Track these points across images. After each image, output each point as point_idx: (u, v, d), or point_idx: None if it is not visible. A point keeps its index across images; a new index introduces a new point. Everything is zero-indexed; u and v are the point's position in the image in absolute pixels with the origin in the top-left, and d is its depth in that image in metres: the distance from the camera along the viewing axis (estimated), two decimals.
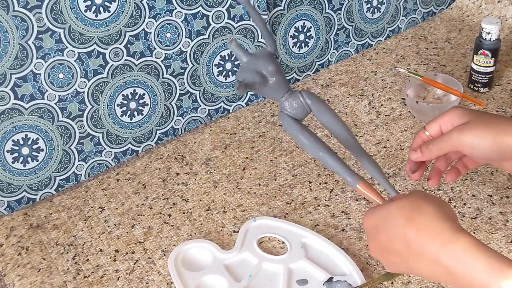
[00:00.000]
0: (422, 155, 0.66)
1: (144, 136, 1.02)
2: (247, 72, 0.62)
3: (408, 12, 1.26)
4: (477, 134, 0.61)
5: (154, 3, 0.93)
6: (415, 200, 0.55)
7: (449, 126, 0.65)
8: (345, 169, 0.63)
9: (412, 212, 0.54)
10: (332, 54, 1.19)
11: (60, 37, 0.87)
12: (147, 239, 0.85)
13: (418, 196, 0.56)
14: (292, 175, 0.93)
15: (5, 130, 0.88)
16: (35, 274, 0.81)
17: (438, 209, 0.53)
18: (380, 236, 0.57)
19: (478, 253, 0.48)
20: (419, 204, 0.54)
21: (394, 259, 0.56)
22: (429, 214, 0.53)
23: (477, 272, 0.48)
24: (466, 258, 0.49)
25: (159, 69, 0.99)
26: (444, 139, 0.64)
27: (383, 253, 0.57)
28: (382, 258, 0.58)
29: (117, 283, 0.79)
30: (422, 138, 0.68)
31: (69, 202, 0.94)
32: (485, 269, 0.48)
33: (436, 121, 0.67)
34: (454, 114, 0.65)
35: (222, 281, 0.76)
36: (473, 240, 0.50)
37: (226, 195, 0.91)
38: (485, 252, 0.48)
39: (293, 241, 0.80)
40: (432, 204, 0.54)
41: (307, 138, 0.64)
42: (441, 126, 0.67)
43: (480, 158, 0.65)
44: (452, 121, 0.65)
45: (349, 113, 1.05)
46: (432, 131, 0.67)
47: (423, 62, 1.16)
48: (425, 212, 0.53)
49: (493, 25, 0.98)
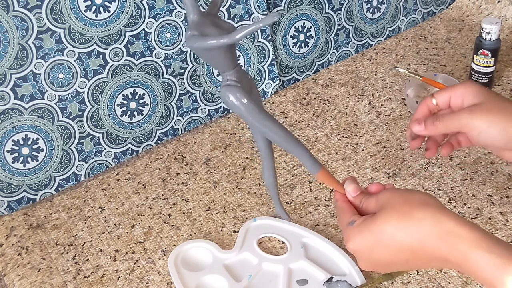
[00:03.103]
0: (426, 129, 0.63)
1: (144, 136, 1.02)
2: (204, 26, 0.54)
3: (408, 12, 1.26)
4: (487, 119, 0.59)
5: (154, 3, 0.93)
6: (401, 206, 0.53)
7: (459, 101, 0.63)
8: (307, 154, 0.59)
9: (406, 221, 0.52)
10: (332, 54, 1.19)
11: (60, 37, 0.87)
12: (147, 239, 0.85)
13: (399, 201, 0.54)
14: (292, 175, 0.93)
15: (5, 130, 0.88)
16: (35, 274, 0.81)
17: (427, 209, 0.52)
18: (377, 254, 0.54)
19: (482, 253, 0.49)
20: (408, 211, 0.52)
21: (395, 267, 0.56)
22: (425, 220, 0.52)
23: (483, 270, 0.49)
24: (471, 258, 0.49)
25: (159, 69, 0.99)
26: (452, 119, 0.61)
27: (382, 266, 0.56)
28: (380, 270, 0.57)
29: (117, 283, 0.79)
30: (428, 106, 0.65)
31: (69, 202, 0.94)
32: (489, 267, 0.48)
33: (447, 92, 0.63)
34: (468, 90, 0.62)
35: (222, 281, 0.76)
36: (476, 235, 0.50)
37: (226, 195, 0.91)
38: (488, 250, 0.49)
39: (293, 241, 0.80)
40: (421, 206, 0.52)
41: (267, 116, 0.57)
42: (451, 98, 0.63)
43: (482, 143, 0.62)
44: (463, 96, 0.62)
45: (349, 113, 1.05)
46: (440, 101, 0.64)
47: (423, 62, 1.16)
48: (419, 219, 0.52)
49: (493, 25, 0.98)
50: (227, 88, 0.56)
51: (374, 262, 0.55)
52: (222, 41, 0.52)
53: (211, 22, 0.55)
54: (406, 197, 0.54)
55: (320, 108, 1.07)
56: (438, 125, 0.62)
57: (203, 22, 0.54)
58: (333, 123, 1.02)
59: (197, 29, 0.54)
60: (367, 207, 0.58)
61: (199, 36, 0.53)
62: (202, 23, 0.54)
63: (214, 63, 0.56)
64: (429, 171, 0.89)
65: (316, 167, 0.60)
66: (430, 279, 0.73)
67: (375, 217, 0.54)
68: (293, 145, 0.59)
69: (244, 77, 0.58)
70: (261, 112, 0.57)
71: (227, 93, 0.56)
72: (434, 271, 0.74)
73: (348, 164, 0.93)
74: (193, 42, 0.53)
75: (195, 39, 0.53)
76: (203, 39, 0.53)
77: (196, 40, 0.53)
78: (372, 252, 0.54)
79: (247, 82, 0.58)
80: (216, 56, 0.55)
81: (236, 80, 0.57)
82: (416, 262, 0.54)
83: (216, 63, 0.56)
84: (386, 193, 0.56)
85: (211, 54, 0.55)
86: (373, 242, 0.54)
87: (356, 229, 0.55)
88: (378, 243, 0.53)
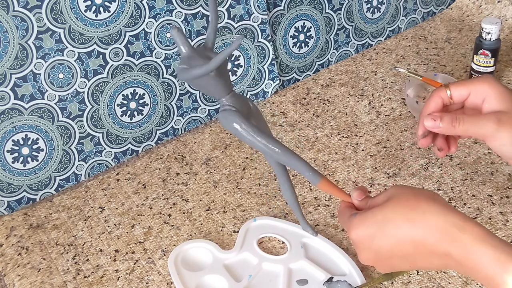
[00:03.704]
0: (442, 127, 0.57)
1: (144, 136, 1.02)
2: (194, 60, 0.58)
3: (408, 12, 1.26)
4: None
5: (154, 3, 0.93)
6: (408, 199, 0.53)
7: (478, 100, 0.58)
8: (306, 165, 0.59)
9: (411, 212, 0.52)
10: (332, 54, 1.19)
11: (60, 37, 0.87)
12: (147, 239, 0.85)
13: (407, 194, 0.54)
14: (292, 175, 0.93)
15: (5, 130, 0.88)
16: (35, 274, 0.81)
17: (433, 203, 0.52)
18: (379, 243, 0.54)
19: (485, 248, 0.48)
20: (414, 203, 0.52)
21: (396, 262, 0.55)
22: (429, 211, 0.52)
23: (484, 266, 0.48)
24: (474, 253, 0.49)
25: (159, 69, 0.99)
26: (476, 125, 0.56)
27: (382, 260, 0.55)
28: (379, 264, 0.56)
29: (117, 283, 0.79)
30: (441, 99, 0.59)
31: (69, 202, 0.94)
32: (491, 263, 0.48)
33: (465, 86, 0.58)
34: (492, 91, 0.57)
35: (222, 281, 0.76)
36: (480, 231, 0.49)
37: (226, 195, 0.91)
38: (491, 246, 0.48)
39: (293, 241, 0.80)
40: (427, 200, 0.52)
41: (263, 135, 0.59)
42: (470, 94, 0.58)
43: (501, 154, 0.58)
44: (485, 96, 0.57)
45: (349, 113, 1.05)
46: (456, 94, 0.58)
47: (423, 62, 1.16)
48: (424, 210, 0.52)
49: (493, 25, 0.98)
50: (223, 113, 0.59)
51: (375, 253, 0.54)
52: (201, 70, 0.55)
53: (199, 55, 0.58)
54: (415, 192, 0.54)
55: (320, 108, 1.07)
56: (457, 127, 0.57)
57: (193, 56, 0.58)
58: (333, 123, 1.03)
59: (185, 63, 0.57)
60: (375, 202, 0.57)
61: (188, 69, 0.57)
62: (192, 57, 0.58)
63: (208, 91, 0.59)
64: (429, 171, 0.89)
65: (316, 178, 0.60)
66: (430, 279, 0.73)
67: (381, 206, 0.54)
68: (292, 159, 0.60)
69: (240, 100, 0.60)
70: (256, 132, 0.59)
71: (223, 118, 0.59)
72: (434, 271, 0.74)
73: (348, 164, 0.93)
74: (182, 75, 0.57)
75: (183, 72, 0.57)
76: (188, 71, 0.56)
77: (184, 72, 0.57)
78: (374, 241, 0.54)
79: (243, 105, 0.61)
80: (207, 84, 0.58)
81: (231, 105, 0.59)
82: (416, 257, 0.53)
83: (210, 91, 0.59)
84: (395, 187, 0.56)
85: (202, 83, 0.58)
86: (376, 230, 0.53)
87: (360, 217, 0.55)
88: (381, 231, 0.53)
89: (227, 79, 0.59)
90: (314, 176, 0.60)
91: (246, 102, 0.62)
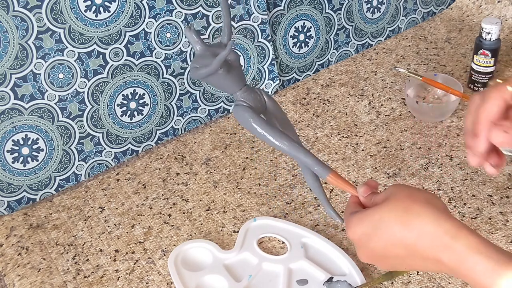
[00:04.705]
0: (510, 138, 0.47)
1: (144, 136, 1.02)
2: (205, 58, 0.59)
3: (408, 12, 1.26)
4: None
5: (154, 3, 0.93)
6: (404, 200, 0.52)
7: None
8: (314, 160, 0.60)
9: (405, 215, 0.51)
10: (332, 54, 1.19)
11: (60, 37, 0.87)
12: (147, 239, 0.85)
13: (404, 194, 0.53)
14: (292, 175, 0.93)
15: (5, 130, 0.88)
16: (35, 274, 0.81)
17: (430, 208, 0.51)
18: (373, 243, 0.53)
19: (479, 257, 0.47)
20: (410, 205, 0.51)
21: (391, 262, 0.55)
22: (424, 216, 0.51)
23: (478, 274, 0.47)
24: (467, 262, 0.48)
25: (159, 69, 0.99)
26: None
27: (378, 259, 0.55)
28: (377, 262, 0.56)
29: (117, 283, 0.79)
30: (503, 98, 0.49)
31: (69, 202, 0.94)
32: (485, 273, 0.47)
33: None
34: None
35: (222, 281, 0.76)
36: (473, 239, 0.49)
37: (226, 195, 0.91)
38: (485, 255, 0.47)
39: (293, 241, 0.80)
40: (423, 203, 0.51)
41: (272, 129, 0.60)
42: None
43: None
44: None
45: (349, 113, 1.05)
46: None
47: (423, 62, 1.16)
48: (418, 214, 0.51)
49: (493, 25, 0.98)
50: (235, 108, 0.62)
51: (371, 252, 0.54)
52: (205, 71, 0.58)
53: (212, 53, 0.60)
54: (412, 193, 0.53)
55: (320, 108, 1.07)
56: None
57: (205, 54, 0.60)
58: (333, 123, 1.03)
59: (197, 62, 0.60)
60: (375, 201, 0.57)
61: (198, 68, 0.59)
62: (204, 55, 0.60)
63: (221, 87, 0.62)
64: (429, 171, 0.89)
65: (325, 171, 0.60)
66: (430, 279, 0.73)
67: (378, 207, 0.53)
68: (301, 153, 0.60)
69: (253, 95, 0.63)
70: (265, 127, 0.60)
71: (235, 113, 0.62)
72: None
73: (348, 164, 0.93)
74: (193, 74, 0.60)
75: (194, 71, 0.60)
76: (198, 71, 0.59)
77: (194, 72, 0.60)
78: (370, 240, 0.53)
79: (256, 100, 0.63)
80: (218, 81, 0.61)
81: (243, 100, 0.62)
82: (410, 261, 0.53)
83: (222, 87, 0.62)
84: (394, 186, 0.56)
85: (213, 81, 0.61)
86: (371, 230, 0.53)
87: (358, 216, 0.55)
88: (376, 232, 0.53)
89: (237, 75, 0.62)
90: (323, 170, 0.60)
91: (260, 97, 0.64)
